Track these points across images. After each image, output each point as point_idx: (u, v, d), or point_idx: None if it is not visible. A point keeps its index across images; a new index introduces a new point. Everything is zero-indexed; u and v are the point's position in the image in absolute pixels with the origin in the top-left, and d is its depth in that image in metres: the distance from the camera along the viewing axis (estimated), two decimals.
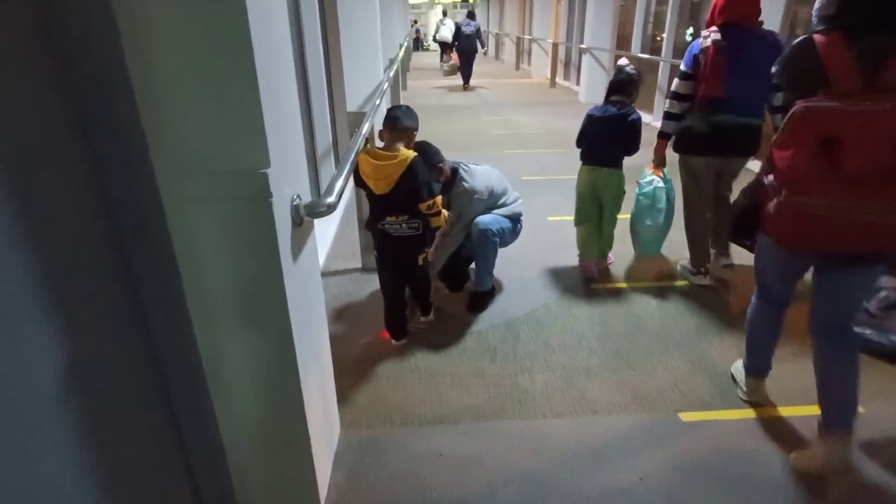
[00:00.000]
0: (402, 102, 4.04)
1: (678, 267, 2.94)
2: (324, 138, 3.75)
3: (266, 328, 1.23)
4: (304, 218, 1.31)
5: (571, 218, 3.78)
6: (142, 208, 1.04)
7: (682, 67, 2.47)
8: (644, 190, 2.78)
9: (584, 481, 1.61)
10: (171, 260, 1.12)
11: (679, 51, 6.85)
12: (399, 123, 2.06)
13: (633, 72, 2.62)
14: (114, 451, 0.96)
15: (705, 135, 2.44)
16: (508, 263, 3.03)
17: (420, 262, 2.24)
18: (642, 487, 1.58)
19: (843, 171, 1.34)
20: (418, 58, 18.11)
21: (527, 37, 14.13)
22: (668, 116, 2.61)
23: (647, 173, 2.80)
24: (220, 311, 1.19)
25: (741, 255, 2.81)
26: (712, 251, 2.82)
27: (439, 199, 2.11)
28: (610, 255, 2.99)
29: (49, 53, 0.85)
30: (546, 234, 3.49)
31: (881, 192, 1.32)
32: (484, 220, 2.43)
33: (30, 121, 0.81)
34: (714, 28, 2.33)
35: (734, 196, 1.90)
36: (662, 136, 2.68)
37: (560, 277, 2.90)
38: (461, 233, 2.47)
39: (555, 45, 11.28)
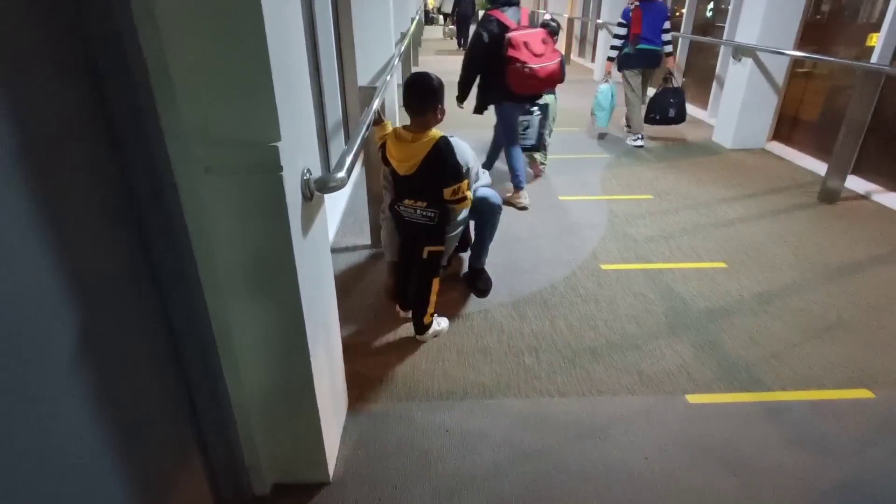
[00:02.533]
0: None
1: (629, 143, 4.95)
2: (334, 113, 3.71)
3: (276, 300, 1.24)
4: (314, 192, 1.31)
5: (583, 198, 3.76)
6: (154, 179, 1.04)
7: (620, 20, 4.71)
8: (601, 89, 4.84)
9: (588, 460, 1.63)
10: (184, 230, 1.12)
11: (698, 27, 6.65)
12: (414, 107, 1.92)
13: (557, 23, 4.00)
14: (125, 419, 0.98)
15: (634, 56, 4.69)
16: (517, 242, 3.02)
17: (425, 255, 2.07)
18: (647, 467, 1.60)
19: None
20: (429, 32, 17.78)
21: (541, 11, 13.79)
22: (613, 48, 4.85)
23: (600, 83, 4.88)
24: (231, 282, 1.20)
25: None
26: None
27: (465, 183, 1.99)
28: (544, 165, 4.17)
29: (64, 27, 0.84)
30: (557, 214, 3.46)
31: None
32: (483, 191, 2.36)
33: (46, 93, 0.81)
34: (636, 1, 4.59)
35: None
36: (610, 59, 4.87)
37: (568, 258, 2.88)
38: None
39: (570, 21, 11.00)
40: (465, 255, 2.71)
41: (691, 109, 6.42)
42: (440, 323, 2.24)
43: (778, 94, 4.74)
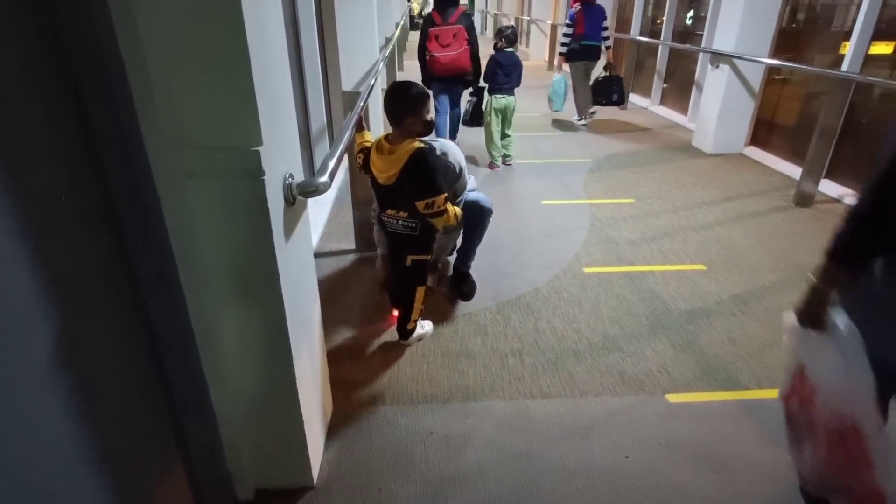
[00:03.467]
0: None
1: (574, 122, 6.05)
2: (318, 118, 3.71)
3: (258, 305, 1.25)
4: (296, 197, 1.31)
5: (566, 202, 3.82)
6: (134, 183, 1.04)
7: (567, 21, 5.56)
8: (555, 79, 5.73)
9: (571, 460, 1.65)
10: (164, 235, 1.12)
11: (678, 34, 6.79)
12: (392, 117, 1.90)
13: (512, 31, 4.38)
14: (105, 425, 0.97)
15: (578, 51, 5.54)
16: (500, 247, 3.05)
17: (409, 263, 2.05)
18: (628, 465, 1.62)
19: None
20: (414, 36, 17.84)
21: (525, 18, 13.93)
22: (563, 45, 5.60)
23: (555, 74, 5.81)
24: (212, 287, 1.20)
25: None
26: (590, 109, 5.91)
27: (441, 197, 1.91)
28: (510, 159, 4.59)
29: (40, 29, 0.84)
30: (540, 218, 3.50)
31: None
32: (473, 195, 2.39)
33: (21, 95, 0.81)
34: (578, 5, 5.44)
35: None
36: (561, 54, 5.65)
37: (552, 261, 2.92)
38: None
39: (553, 27, 11.13)
40: (451, 258, 2.73)
41: (671, 115, 6.55)
42: (424, 327, 2.25)
43: (755, 99, 4.86)
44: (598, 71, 5.80)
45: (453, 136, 4.63)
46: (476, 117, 4.50)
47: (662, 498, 1.52)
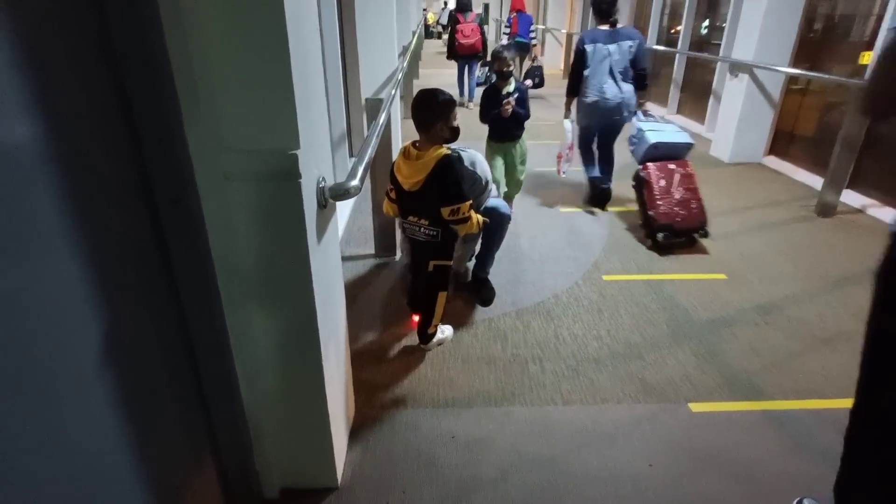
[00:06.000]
0: (415, 91, 4.02)
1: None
2: (339, 125, 3.77)
3: (291, 306, 1.27)
4: (328, 200, 1.34)
5: (573, 209, 3.82)
6: (177, 185, 1.07)
7: (506, 24, 8.09)
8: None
9: (594, 467, 1.64)
10: (204, 236, 1.15)
11: (695, 44, 6.77)
12: (418, 123, 1.93)
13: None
14: (142, 421, 0.99)
15: (513, 46, 6.89)
16: (520, 253, 3.06)
17: (431, 268, 2.07)
18: (651, 474, 1.61)
19: None
20: (429, 45, 18.00)
21: (540, 27, 13.99)
22: (504, 39, 8.11)
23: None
24: (247, 288, 1.23)
25: None
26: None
27: (466, 204, 1.94)
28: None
29: (94, 32, 0.88)
30: (557, 226, 3.50)
31: None
32: (492, 201, 2.41)
33: (75, 97, 0.84)
34: (514, 13, 7.82)
35: None
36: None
37: (571, 269, 2.92)
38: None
39: (569, 36, 11.17)
40: (470, 265, 2.74)
41: (688, 124, 6.52)
42: (444, 331, 2.26)
43: (774, 109, 4.82)
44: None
45: (471, 97, 7.36)
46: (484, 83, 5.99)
47: None
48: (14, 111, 0.71)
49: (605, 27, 3.46)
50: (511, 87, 3.13)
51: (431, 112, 1.92)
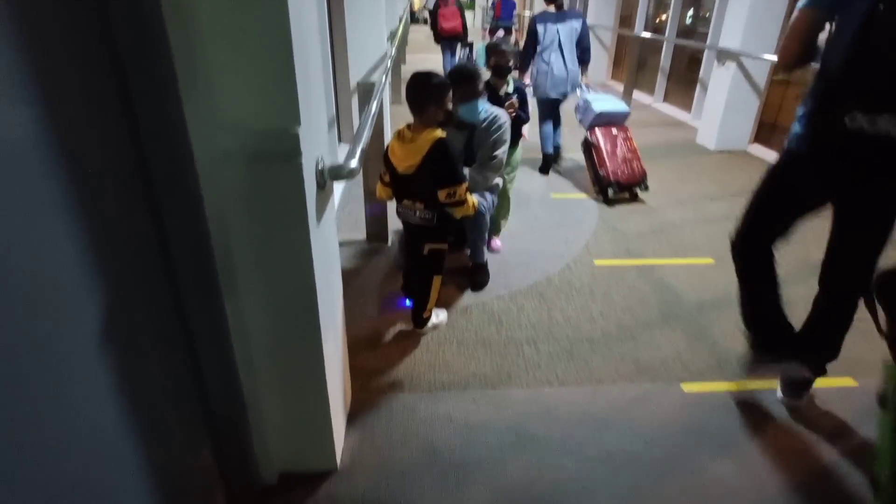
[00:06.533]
0: (404, 75, 3.99)
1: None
2: (328, 111, 3.70)
3: (291, 288, 1.25)
4: (327, 181, 1.32)
5: (575, 196, 3.83)
6: (176, 165, 1.04)
7: (489, 8, 10.48)
8: (478, 47, 7.76)
9: (591, 446, 1.67)
10: (202, 216, 1.12)
11: (682, 33, 6.80)
12: (413, 105, 1.91)
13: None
14: (140, 404, 0.97)
15: (496, 27, 8.54)
16: (512, 238, 3.06)
17: (426, 251, 2.07)
18: (648, 452, 1.65)
19: None
20: (415, 31, 17.81)
21: (526, 13, 13.91)
22: (488, 24, 9.53)
23: (479, 43, 7.87)
24: (246, 269, 1.21)
25: None
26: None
27: (463, 187, 1.93)
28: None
29: (90, 7, 0.84)
30: (549, 211, 3.52)
31: None
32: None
33: (70, 73, 0.81)
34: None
35: None
36: (484, 28, 10.04)
37: (562, 252, 2.93)
38: (497, 168, 2.42)
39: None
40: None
41: (675, 112, 6.57)
42: (439, 315, 2.26)
43: (759, 98, 4.89)
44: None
45: None
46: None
47: (684, 484, 1.54)
48: (8, 89, 0.68)
49: (552, 9, 3.92)
50: (510, 87, 2.84)
51: (426, 95, 1.89)
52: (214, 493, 1.35)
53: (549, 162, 4.24)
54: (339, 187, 3.70)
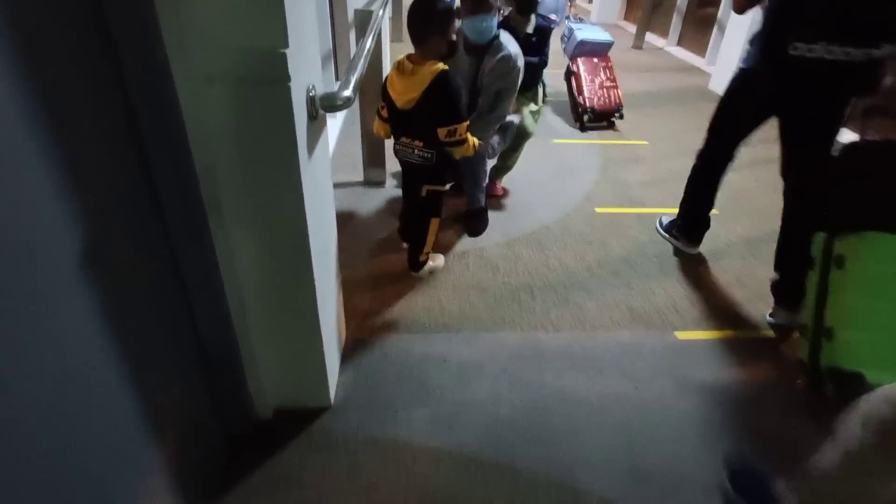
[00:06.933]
0: (404, 9, 3.76)
1: None
2: (324, 44, 3.52)
3: (282, 220, 1.21)
4: (318, 111, 1.25)
5: (578, 141, 3.72)
6: (152, 87, 0.97)
7: None
8: None
9: (582, 388, 1.69)
10: (184, 145, 1.07)
11: None
12: (415, 34, 1.77)
13: None
14: (129, 340, 0.95)
15: None
16: (510, 184, 2.99)
17: (424, 193, 2.00)
18: (636, 395, 1.67)
19: None
20: None
21: None
22: None
23: None
24: (235, 200, 1.17)
25: None
26: None
27: (464, 125, 1.84)
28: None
29: None
30: (551, 157, 3.42)
31: None
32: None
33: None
34: None
35: None
36: None
37: (562, 201, 2.88)
38: (501, 116, 2.26)
39: None
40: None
41: (689, 56, 6.30)
42: (436, 259, 2.24)
43: None
44: None
45: None
46: None
47: (672, 425, 1.57)
48: None
49: None
50: (530, 27, 2.49)
51: (428, 23, 1.76)
52: (210, 427, 1.37)
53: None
54: (335, 127, 3.57)
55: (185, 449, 1.22)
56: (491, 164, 2.67)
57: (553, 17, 3.62)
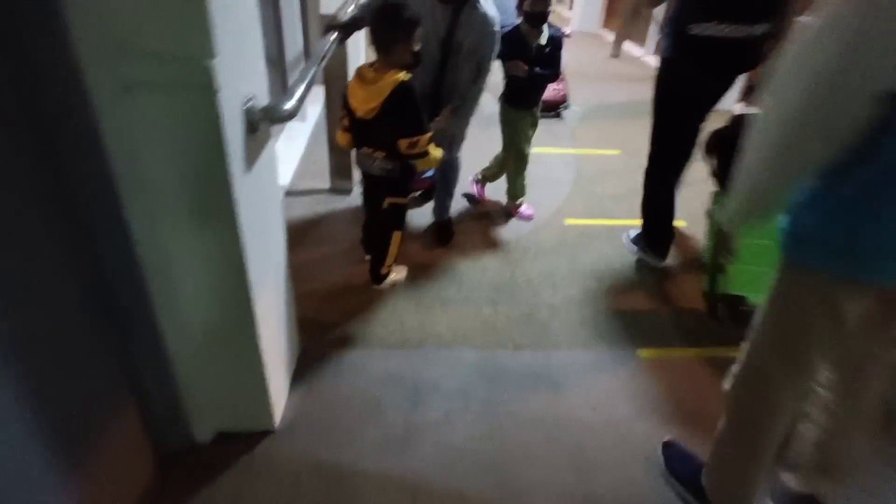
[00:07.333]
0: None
1: None
2: (294, 47, 3.44)
3: (214, 236, 1.15)
4: (260, 123, 1.18)
5: (552, 150, 3.70)
6: (63, 96, 0.90)
7: None
8: None
9: (539, 410, 1.64)
10: (101, 157, 0.99)
11: None
12: (377, 42, 1.71)
13: None
14: (49, 364, 0.89)
15: None
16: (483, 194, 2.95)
17: (386, 205, 1.93)
18: (595, 417, 1.63)
19: None
20: None
21: None
22: None
23: None
24: (162, 216, 1.09)
25: None
26: None
27: (426, 137, 1.78)
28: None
29: None
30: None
31: None
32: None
33: None
34: None
35: None
36: None
37: (534, 210, 2.84)
38: (478, 95, 2.13)
39: None
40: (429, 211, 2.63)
41: None
42: (398, 272, 2.18)
43: None
44: None
45: None
46: None
47: (627, 449, 1.54)
48: None
49: None
50: (543, 39, 2.34)
51: (392, 31, 1.70)
52: (141, 450, 1.29)
53: None
54: (305, 132, 3.50)
55: (112, 472, 1.15)
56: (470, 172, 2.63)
57: (566, 30, 3.47)
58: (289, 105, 1.22)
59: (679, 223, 2.80)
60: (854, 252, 0.83)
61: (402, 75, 1.73)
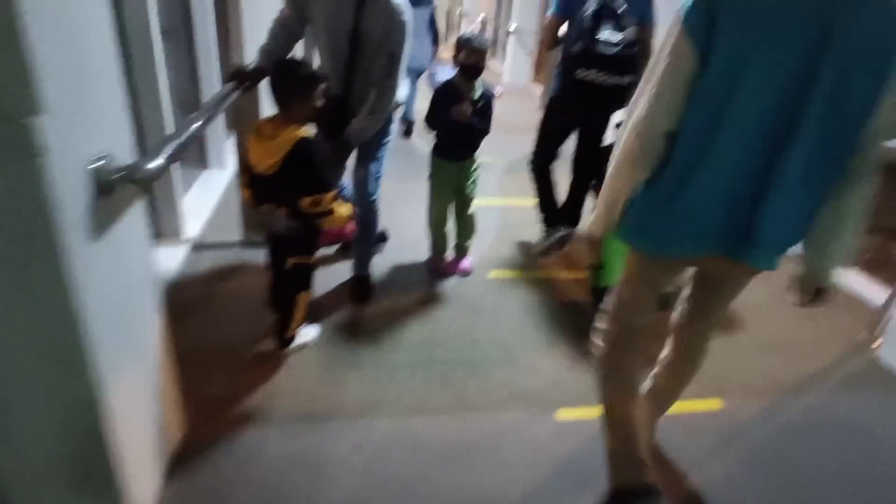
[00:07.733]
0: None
1: None
2: (213, 92, 3.31)
3: (46, 316, 0.97)
4: (115, 184, 1.05)
5: (476, 201, 3.70)
6: None
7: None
8: None
9: (453, 485, 1.52)
10: None
11: None
12: (276, 98, 1.65)
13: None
14: None
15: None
16: (403, 247, 2.87)
17: (289, 266, 1.82)
18: (510, 489, 1.52)
19: None
20: None
21: (458, 9, 13.83)
22: None
23: None
24: None
25: None
26: None
27: (330, 195, 1.70)
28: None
29: None
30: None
31: None
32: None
33: None
34: None
35: None
36: None
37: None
38: (394, 88, 2.04)
39: (484, 21, 11.12)
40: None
41: None
42: (308, 334, 2.02)
43: None
44: None
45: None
46: None
47: None
48: None
49: None
50: (477, 94, 2.34)
51: (289, 88, 1.64)
52: None
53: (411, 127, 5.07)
54: (223, 180, 3.33)
55: None
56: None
57: (498, 89, 3.76)
58: (152, 164, 1.09)
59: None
60: (651, 236, 1.25)
61: (301, 132, 1.65)
